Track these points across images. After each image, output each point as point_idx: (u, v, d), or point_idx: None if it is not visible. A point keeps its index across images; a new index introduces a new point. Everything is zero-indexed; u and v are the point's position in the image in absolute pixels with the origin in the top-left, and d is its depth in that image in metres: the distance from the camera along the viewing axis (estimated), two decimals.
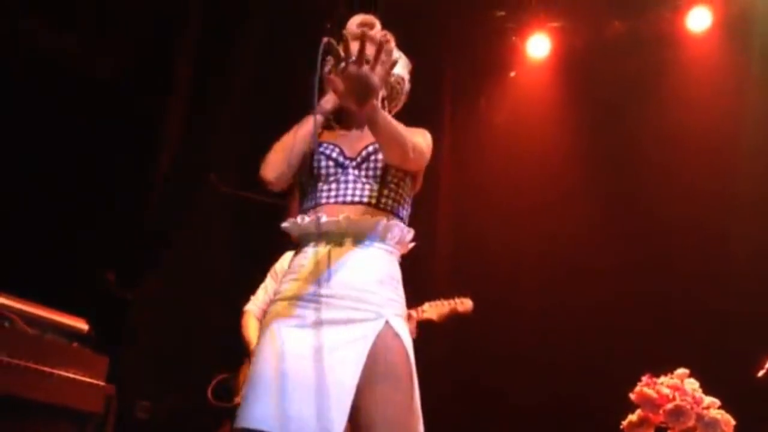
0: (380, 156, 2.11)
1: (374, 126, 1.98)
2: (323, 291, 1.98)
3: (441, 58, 5.68)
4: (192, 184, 4.61)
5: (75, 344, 3.40)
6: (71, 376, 3.24)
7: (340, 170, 2.11)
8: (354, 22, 2.23)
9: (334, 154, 2.13)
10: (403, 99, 2.36)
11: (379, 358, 1.93)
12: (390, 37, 2.24)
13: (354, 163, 2.12)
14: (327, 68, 2.19)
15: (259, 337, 2.03)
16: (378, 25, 2.24)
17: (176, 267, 4.58)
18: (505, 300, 5.26)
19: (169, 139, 4.73)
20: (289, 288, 2.03)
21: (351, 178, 2.10)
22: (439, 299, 3.59)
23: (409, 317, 3.49)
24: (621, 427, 3.17)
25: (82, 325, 3.49)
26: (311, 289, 1.99)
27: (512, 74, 5.77)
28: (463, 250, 5.60)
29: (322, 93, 2.14)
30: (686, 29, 5.22)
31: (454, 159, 5.72)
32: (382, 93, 2.23)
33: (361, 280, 2.00)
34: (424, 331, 3.58)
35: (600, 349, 4.87)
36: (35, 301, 3.35)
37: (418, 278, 5.06)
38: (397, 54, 2.28)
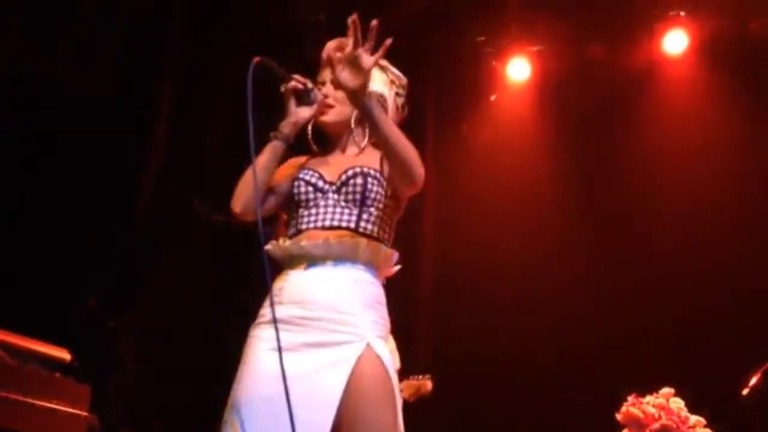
0: (359, 180, 2.10)
1: (370, 117, 2.02)
2: (304, 314, 1.99)
3: (422, 83, 5.73)
4: (175, 208, 4.59)
5: (57, 374, 3.35)
6: (53, 406, 3.19)
7: (320, 195, 2.12)
8: (328, 48, 2.19)
9: (313, 180, 2.14)
10: (390, 114, 2.25)
11: (361, 381, 1.93)
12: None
13: (334, 188, 2.12)
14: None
15: (241, 361, 2.03)
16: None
17: (159, 292, 4.55)
18: (487, 322, 5.26)
19: (151, 164, 4.71)
20: (268, 312, 2.02)
21: (331, 202, 2.10)
22: (407, 377, 3.60)
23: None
24: None
25: (64, 355, 3.45)
26: (293, 312, 2.00)
27: (493, 98, 5.82)
28: (447, 272, 5.61)
29: (276, 116, 2.16)
30: (662, 52, 5.30)
31: (437, 182, 5.74)
32: (356, 112, 2.18)
33: (342, 302, 2.00)
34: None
35: (583, 369, 4.87)
36: (15, 330, 3.31)
37: (402, 302, 5.09)
38: (375, 73, 2.20)
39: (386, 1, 4.93)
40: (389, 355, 2.02)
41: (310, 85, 2.15)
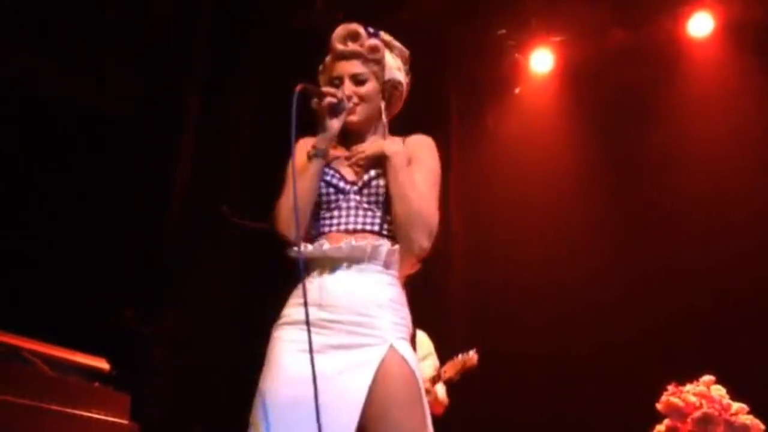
0: (381, 182, 2.08)
1: (395, 178, 2.05)
2: (326, 316, 1.99)
3: (445, 78, 5.72)
4: (204, 216, 4.63)
5: (97, 384, 3.39)
6: (95, 416, 3.23)
7: (341, 196, 2.09)
8: (336, 38, 2.16)
9: (334, 180, 2.10)
10: (403, 99, 2.28)
11: (387, 384, 1.93)
12: (378, 45, 2.16)
13: (355, 188, 2.09)
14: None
15: (266, 363, 2.03)
16: (363, 33, 2.16)
17: (191, 300, 4.59)
18: (517, 313, 5.24)
19: (180, 174, 4.76)
20: (293, 313, 2.04)
21: (353, 204, 2.08)
22: (451, 358, 3.65)
23: (436, 380, 3.50)
24: None
25: (103, 365, 3.49)
26: (314, 314, 1.98)
27: (517, 90, 5.78)
28: (476, 263, 5.59)
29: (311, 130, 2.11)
30: (688, 35, 5.22)
31: (462, 176, 5.73)
32: (382, 103, 2.19)
33: (363, 305, 1.99)
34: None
35: (619, 358, 4.83)
36: (55, 342, 3.36)
37: (433, 295, 5.11)
38: (390, 59, 2.18)
39: None
40: (413, 355, 2.02)
41: (340, 95, 2.11)
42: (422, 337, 3.72)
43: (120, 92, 4.55)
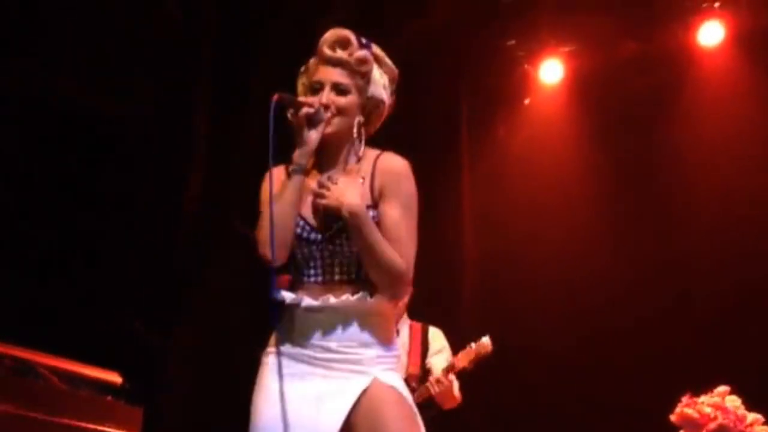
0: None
1: (357, 237, 1.93)
2: (310, 353, 1.99)
3: (456, 89, 5.73)
4: (215, 228, 4.64)
5: (109, 397, 3.40)
6: (107, 429, 3.24)
7: (314, 247, 2.00)
8: (325, 43, 2.03)
9: (304, 234, 2.00)
10: (383, 117, 2.13)
11: (374, 406, 1.93)
12: (367, 57, 2.03)
13: (327, 236, 1.99)
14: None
15: (255, 388, 2.04)
16: (354, 42, 2.02)
17: (204, 313, 4.60)
18: (530, 314, 5.24)
19: (191, 188, 4.78)
20: (278, 340, 2.03)
21: (327, 254, 1.99)
22: (464, 347, 3.60)
23: (449, 370, 3.49)
24: None
25: (115, 378, 3.50)
26: (297, 348, 1.99)
27: (526, 101, 5.78)
28: (488, 271, 5.58)
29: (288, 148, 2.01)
30: (698, 45, 5.21)
31: (474, 184, 5.74)
32: (359, 119, 2.04)
33: (347, 344, 1.98)
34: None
35: (634, 370, 4.81)
36: (66, 356, 3.37)
37: (446, 297, 5.10)
38: (377, 74, 2.05)
39: (415, 10, 4.95)
40: (401, 382, 2.01)
41: (317, 104, 1.98)
42: (435, 332, 3.71)
43: (133, 106, 4.59)
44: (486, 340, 3.54)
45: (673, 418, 3.06)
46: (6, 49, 3.87)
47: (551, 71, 5.56)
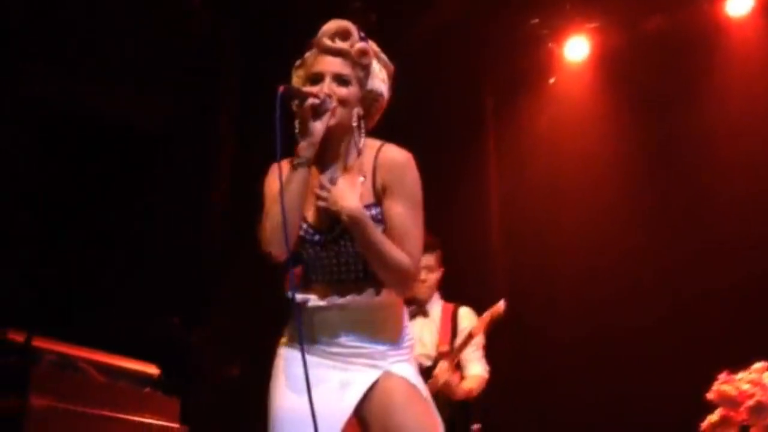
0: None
1: (359, 240, 1.92)
2: (320, 347, 2.02)
3: (479, 71, 5.68)
4: (244, 222, 4.67)
5: (147, 389, 3.46)
6: (146, 420, 3.30)
7: (318, 248, 1.99)
8: (326, 33, 2.01)
9: (308, 237, 1.99)
10: (381, 110, 2.11)
11: (385, 395, 1.96)
12: (368, 49, 2.02)
13: (330, 237, 1.98)
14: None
15: (272, 378, 2.08)
16: (355, 33, 2.01)
17: (235, 306, 4.65)
18: (560, 302, 5.20)
19: (220, 182, 4.83)
20: (292, 333, 2.07)
21: (332, 253, 1.99)
22: (479, 314, 3.64)
23: (469, 340, 3.51)
24: (701, 428, 3.08)
25: (153, 370, 3.56)
26: (309, 343, 2.01)
27: (551, 81, 5.71)
28: (515, 251, 5.54)
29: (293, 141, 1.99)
30: (726, 15, 5.10)
31: (500, 170, 5.70)
32: (358, 111, 2.01)
33: (353, 341, 2.00)
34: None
35: (667, 346, 4.76)
36: (105, 349, 3.43)
37: (475, 286, 5.10)
38: (376, 68, 2.04)
39: None
40: (414, 372, 2.04)
41: (322, 95, 1.95)
42: (465, 312, 3.74)
43: (159, 112, 4.64)
44: (500, 303, 3.56)
45: (710, 396, 3.04)
46: (33, 56, 3.93)
47: (576, 49, 5.48)
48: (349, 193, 1.93)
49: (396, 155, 2.02)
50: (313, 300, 2.00)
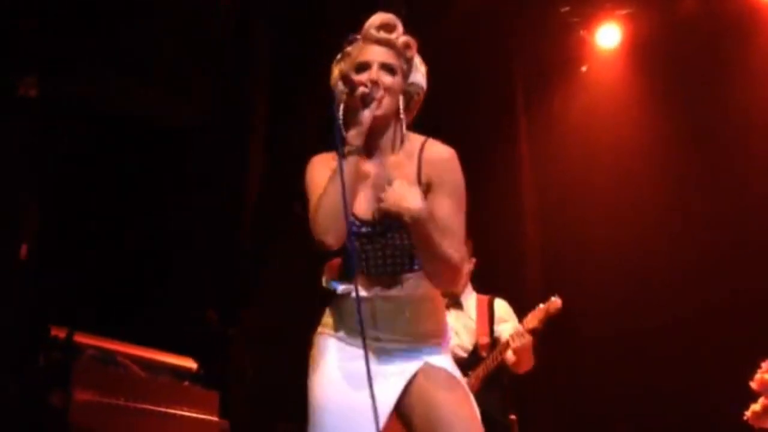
0: (400, 225, 1.95)
1: (418, 237, 1.91)
2: (359, 341, 1.98)
3: (510, 60, 5.64)
4: (278, 215, 4.71)
5: (186, 383, 3.50)
6: (186, 414, 3.33)
7: (365, 240, 2.01)
8: (373, 25, 2.04)
9: (354, 229, 1.98)
10: (419, 105, 2.13)
11: (426, 387, 1.96)
12: (412, 42, 2.05)
13: (377, 230, 1.99)
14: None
15: (312, 368, 2.07)
16: (400, 27, 2.04)
17: (272, 299, 4.68)
18: (598, 294, 5.16)
19: (253, 176, 4.86)
20: (332, 323, 2.08)
21: (378, 246, 2.00)
22: (535, 307, 3.61)
23: (516, 338, 3.48)
24: (744, 417, 3.04)
25: (191, 364, 3.60)
26: (350, 332, 2.02)
27: (584, 69, 5.65)
28: (549, 241, 5.51)
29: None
30: None
31: (533, 159, 5.66)
32: (401, 104, 2.03)
33: (394, 334, 2.00)
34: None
35: (706, 335, 4.70)
36: (145, 345, 3.47)
37: (509, 270, 5.07)
38: (417, 62, 2.07)
39: None
40: (451, 363, 2.04)
41: (370, 84, 1.98)
42: (501, 303, 3.73)
43: (192, 108, 4.68)
44: (555, 299, 3.54)
45: (753, 384, 3.00)
46: (68, 56, 3.98)
47: (608, 36, 5.43)
48: (410, 194, 1.91)
49: (442, 151, 2.03)
50: (360, 286, 1.99)
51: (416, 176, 2.00)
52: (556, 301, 3.54)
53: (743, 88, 5.02)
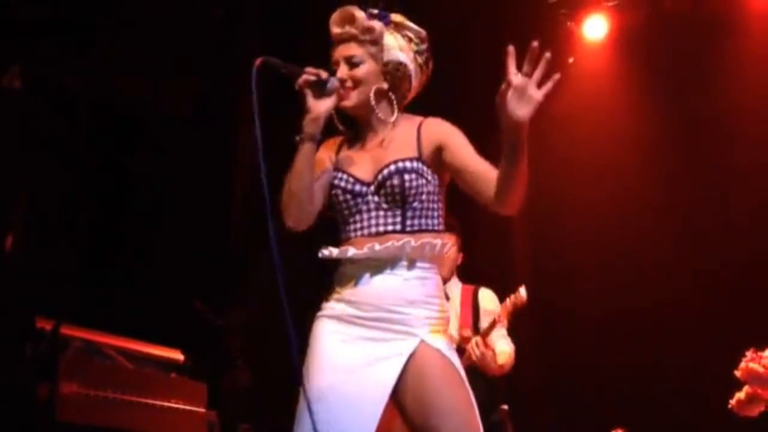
0: (396, 181, 2.02)
1: (517, 155, 1.94)
2: (357, 313, 2.03)
3: (497, 53, 5.63)
4: (265, 207, 4.69)
5: (173, 374, 3.49)
6: (173, 405, 3.33)
7: (359, 200, 2.07)
8: (334, 22, 2.10)
9: (348, 186, 2.07)
10: (414, 84, 2.16)
11: (423, 372, 1.96)
12: (375, 25, 2.09)
13: (372, 189, 2.06)
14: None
15: (308, 352, 2.08)
16: (359, 16, 2.08)
17: (261, 290, 4.67)
18: (580, 280, 5.18)
19: (242, 167, 4.84)
20: (330, 306, 2.09)
21: (372, 206, 2.06)
22: (500, 297, 3.63)
23: (491, 329, 3.50)
24: (729, 406, 3.07)
25: (178, 356, 3.59)
26: (345, 310, 2.04)
27: (570, 60, 5.66)
28: (537, 230, 5.53)
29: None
30: None
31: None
32: (379, 87, 2.09)
33: (393, 302, 2.01)
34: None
35: (695, 327, 4.74)
36: (131, 336, 3.46)
37: (496, 259, 5.08)
38: (390, 39, 2.10)
39: None
40: (448, 345, 2.04)
41: (324, 74, 2.04)
42: (486, 294, 3.73)
43: (183, 96, 4.66)
44: (521, 291, 3.54)
45: (738, 373, 3.01)
46: (58, 44, 3.96)
47: (595, 27, 5.43)
48: (522, 104, 1.95)
49: (440, 120, 2.14)
50: (352, 250, 2.03)
51: (416, 149, 2.07)
52: (520, 295, 3.53)
53: (730, 79, 5.05)
